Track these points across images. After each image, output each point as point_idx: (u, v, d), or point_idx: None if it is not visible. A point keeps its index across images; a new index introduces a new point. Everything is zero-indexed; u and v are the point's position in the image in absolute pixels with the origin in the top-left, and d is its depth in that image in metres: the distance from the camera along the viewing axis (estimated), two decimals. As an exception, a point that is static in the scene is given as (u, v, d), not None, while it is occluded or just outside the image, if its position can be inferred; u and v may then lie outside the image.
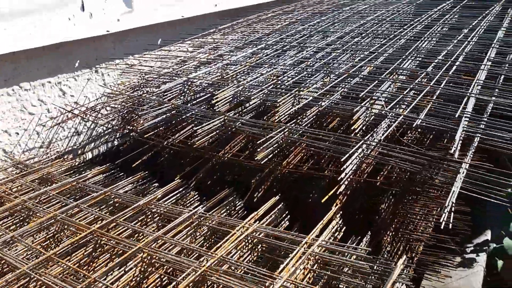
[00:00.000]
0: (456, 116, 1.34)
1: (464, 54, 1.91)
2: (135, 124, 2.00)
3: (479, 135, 1.37)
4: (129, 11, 2.56)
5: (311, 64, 2.02)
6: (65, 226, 1.51)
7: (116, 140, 2.68)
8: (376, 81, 1.66)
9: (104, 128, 2.41)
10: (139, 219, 1.56)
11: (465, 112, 1.39)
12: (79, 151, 2.55)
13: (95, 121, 2.21)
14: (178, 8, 2.90)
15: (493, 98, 1.49)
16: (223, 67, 2.10)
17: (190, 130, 1.87)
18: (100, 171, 1.96)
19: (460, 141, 1.36)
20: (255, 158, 1.49)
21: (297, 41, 2.40)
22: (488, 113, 1.53)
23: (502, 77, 1.74)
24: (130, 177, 1.85)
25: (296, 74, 1.91)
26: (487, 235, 2.40)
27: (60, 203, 1.66)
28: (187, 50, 2.81)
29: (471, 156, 1.33)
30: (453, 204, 1.09)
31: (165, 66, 2.26)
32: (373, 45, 2.16)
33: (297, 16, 3.05)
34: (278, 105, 1.63)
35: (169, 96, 2.04)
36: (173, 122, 2.03)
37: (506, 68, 1.77)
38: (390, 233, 1.82)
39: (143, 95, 2.15)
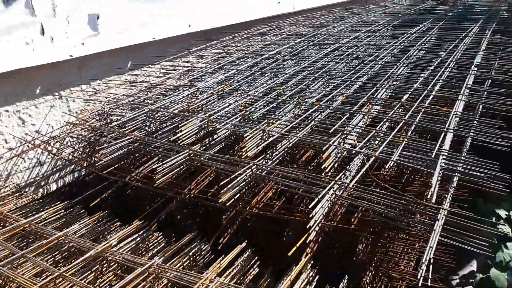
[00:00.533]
0: (433, 156, 1.25)
1: (441, 81, 1.84)
2: (96, 157, 1.86)
3: (458, 175, 1.28)
4: (95, 34, 2.44)
5: (283, 92, 1.92)
6: (10, 279, 1.37)
7: (83, 169, 2.53)
8: (348, 114, 1.56)
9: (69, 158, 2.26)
10: (93, 269, 1.42)
11: (442, 150, 1.30)
12: (42, 183, 2.40)
13: (57, 154, 2.07)
14: (149, 30, 2.79)
15: (471, 134, 1.40)
16: (191, 95, 1.98)
17: (153, 164, 1.75)
18: (56, 210, 1.82)
19: (438, 182, 1.26)
20: (219, 201, 1.37)
21: (270, 66, 2.31)
22: (467, 148, 1.44)
23: (481, 106, 1.66)
24: (87, 218, 1.71)
25: (267, 104, 1.81)
26: (473, 266, 2.31)
27: (7, 250, 1.51)
28: (159, 72, 2.69)
29: (450, 199, 1.23)
30: (431, 260, 0.99)
31: (130, 94, 2.13)
32: (347, 71, 2.07)
33: (272, 37, 2.96)
34: (245, 139, 1.52)
35: (135, 125, 1.91)
36: (137, 155, 1.91)
37: (484, 96, 1.69)
38: (370, 273, 1.71)
39: (105, 125, 2.02)
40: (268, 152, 1.60)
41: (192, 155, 1.63)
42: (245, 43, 2.87)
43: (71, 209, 1.88)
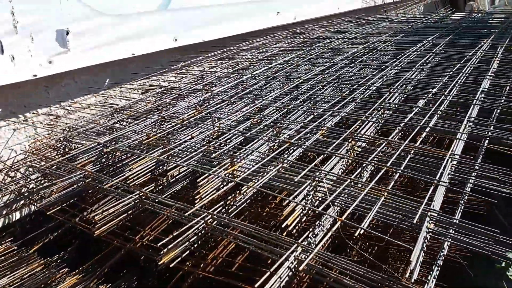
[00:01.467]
0: (415, 220, 1.00)
1: (439, 112, 1.57)
2: (43, 194, 1.66)
3: (449, 240, 1.02)
4: (64, 51, 2.25)
5: (258, 122, 1.68)
6: None
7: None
8: (322, 156, 1.31)
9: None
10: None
11: (431, 210, 1.05)
12: (4, 211, 2.20)
13: (6, 185, 1.87)
14: (128, 45, 2.59)
15: (468, 187, 1.14)
16: (154, 124, 1.77)
17: (105, 205, 1.53)
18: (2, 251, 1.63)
19: (424, 249, 1.01)
20: (159, 263, 1.14)
21: (252, 88, 2.07)
22: (465, 199, 1.18)
23: (486, 144, 1.40)
24: (37, 261, 1.51)
25: (239, 134, 1.57)
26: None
27: None
28: (138, 91, 2.49)
29: (437, 273, 0.98)
30: None
31: (92, 119, 1.93)
32: (334, 96, 1.83)
33: (263, 53, 2.73)
34: (199, 185, 1.29)
35: (91, 157, 1.70)
36: (90, 192, 1.69)
37: (489, 134, 1.42)
38: None
39: (63, 154, 1.82)
40: (230, 197, 1.37)
41: (144, 197, 1.40)
42: (233, 60, 2.65)
43: (18, 250, 1.69)
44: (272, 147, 1.47)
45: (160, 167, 1.55)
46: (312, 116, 1.69)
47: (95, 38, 2.40)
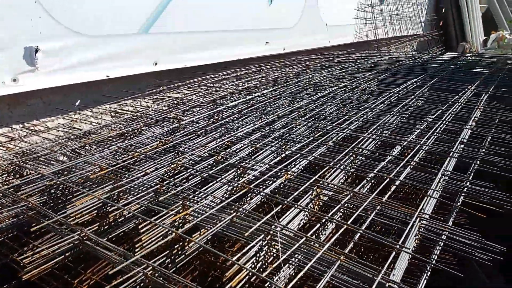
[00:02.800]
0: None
1: (413, 163, 1.48)
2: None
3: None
4: (31, 69, 2.15)
5: (222, 159, 1.57)
6: None
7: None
8: (280, 207, 1.20)
9: None
10: None
11: (390, 280, 0.93)
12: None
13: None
14: (103, 67, 2.49)
15: (437, 250, 1.03)
16: (111, 154, 1.65)
17: (47, 242, 1.40)
18: None
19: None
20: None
21: (224, 121, 1.98)
22: (427, 275, 1.07)
23: (460, 202, 1.30)
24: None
25: (199, 173, 1.46)
26: None
27: None
28: (109, 114, 2.37)
29: None
30: None
31: (50, 144, 1.81)
32: (306, 137, 1.73)
33: (243, 84, 2.65)
34: (142, 230, 1.16)
35: (39, 188, 1.57)
36: (34, 225, 1.56)
37: (464, 191, 1.32)
38: None
39: (11, 182, 1.69)
40: (177, 246, 1.24)
41: (85, 238, 1.27)
42: (212, 89, 2.56)
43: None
44: (232, 191, 1.35)
45: (108, 205, 1.42)
46: (277, 158, 1.58)
47: (67, 57, 2.30)
